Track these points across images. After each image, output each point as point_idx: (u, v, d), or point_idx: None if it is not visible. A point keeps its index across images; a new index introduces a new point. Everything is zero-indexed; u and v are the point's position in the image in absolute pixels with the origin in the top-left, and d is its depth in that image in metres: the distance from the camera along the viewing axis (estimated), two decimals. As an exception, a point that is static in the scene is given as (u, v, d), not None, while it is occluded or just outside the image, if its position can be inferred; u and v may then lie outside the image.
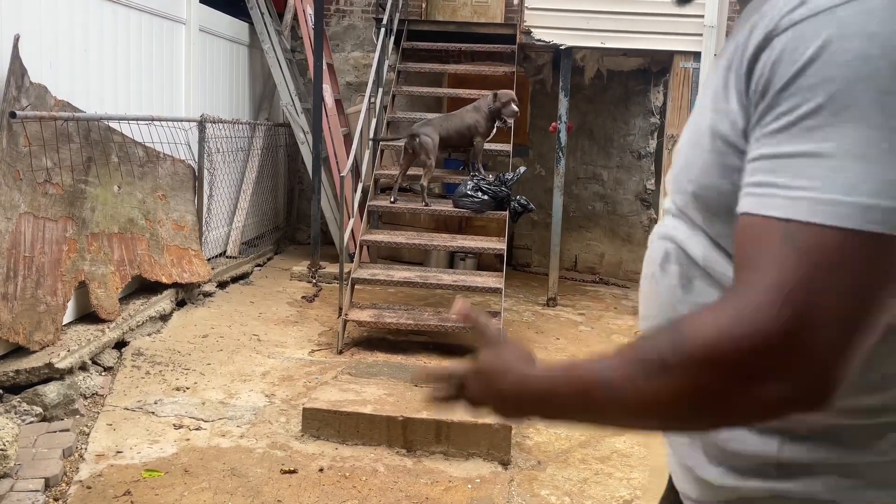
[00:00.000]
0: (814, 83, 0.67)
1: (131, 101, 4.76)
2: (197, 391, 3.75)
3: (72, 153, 3.91)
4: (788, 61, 0.69)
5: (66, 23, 4.06)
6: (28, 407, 3.24)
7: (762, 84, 0.72)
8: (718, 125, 0.79)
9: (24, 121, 3.47)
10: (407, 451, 3.20)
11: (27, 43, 3.52)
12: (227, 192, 6.21)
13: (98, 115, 4.15)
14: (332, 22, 7.70)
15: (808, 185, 0.66)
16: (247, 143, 6.71)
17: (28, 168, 3.55)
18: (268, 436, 3.30)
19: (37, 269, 3.61)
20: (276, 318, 5.08)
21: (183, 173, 5.20)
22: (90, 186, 4.10)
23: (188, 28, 5.54)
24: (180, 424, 3.36)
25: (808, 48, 0.68)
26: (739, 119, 0.76)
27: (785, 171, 0.68)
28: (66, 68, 4.06)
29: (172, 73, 5.38)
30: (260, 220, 7.02)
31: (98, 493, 2.73)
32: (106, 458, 3.01)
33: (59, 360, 3.50)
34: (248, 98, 6.99)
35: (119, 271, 4.33)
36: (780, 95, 0.70)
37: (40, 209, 3.65)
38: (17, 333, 3.42)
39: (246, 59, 6.90)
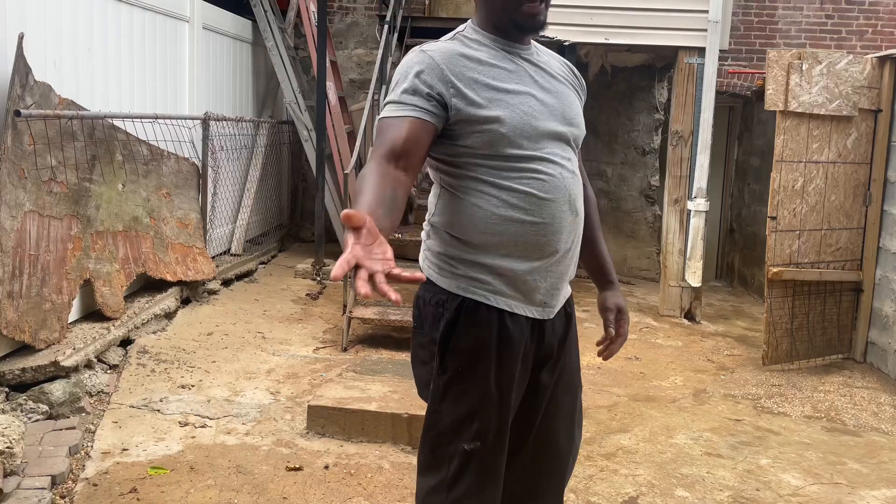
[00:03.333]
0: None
1: (135, 99, 4.76)
2: (202, 389, 3.75)
3: (76, 152, 3.92)
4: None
5: (70, 21, 4.06)
6: (34, 405, 3.25)
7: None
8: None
9: (29, 119, 3.47)
10: (412, 448, 3.20)
11: (31, 41, 3.52)
12: (231, 190, 6.21)
13: (102, 114, 4.16)
14: (335, 19, 7.70)
15: None
16: (250, 141, 6.71)
17: (33, 166, 3.56)
18: (273, 433, 3.30)
19: (42, 267, 3.62)
20: (280, 316, 5.08)
21: (187, 171, 5.20)
22: (95, 185, 4.10)
23: (192, 26, 5.54)
24: (186, 422, 3.36)
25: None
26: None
27: None
28: (71, 67, 4.07)
29: (176, 71, 5.38)
30: (264, 218, 7.03)
31: (104, 490, 2.74)
32: (112, 455, 3.01)
33: (65, 358, 3.51)
34: (251, 96, 6.99)
35: (124, 269, 4.34)
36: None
37: (45, 207, 3.66)
38: (22, 332, 3.43)
39: (249, 57, 6.90)
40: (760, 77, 6.43)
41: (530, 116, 1.55)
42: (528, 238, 1.56)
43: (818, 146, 4.62)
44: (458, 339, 1.58)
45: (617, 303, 1.85)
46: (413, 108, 1.47)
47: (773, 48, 6.34)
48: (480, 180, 1.55)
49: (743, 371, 4.65)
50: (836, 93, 4.58)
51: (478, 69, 1.54)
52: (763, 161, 6.96)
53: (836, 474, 3.26)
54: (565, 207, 1.58)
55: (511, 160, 1.54)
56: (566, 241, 1.61)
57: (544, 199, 1.55)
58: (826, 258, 4.74)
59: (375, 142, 1.48)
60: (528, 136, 1.54)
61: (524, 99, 1.56)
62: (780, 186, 4.54)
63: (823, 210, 4.68)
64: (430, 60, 1.52)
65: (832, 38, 7.15)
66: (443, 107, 1.50)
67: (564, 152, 1.61)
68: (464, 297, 1.59)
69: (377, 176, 1.38)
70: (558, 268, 1.63)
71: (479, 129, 1.51)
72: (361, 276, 1.06)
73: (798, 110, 4.51)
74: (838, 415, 3.99)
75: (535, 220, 1.55)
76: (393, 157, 1.42)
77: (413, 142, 1.45)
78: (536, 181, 1.55)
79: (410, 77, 1.50)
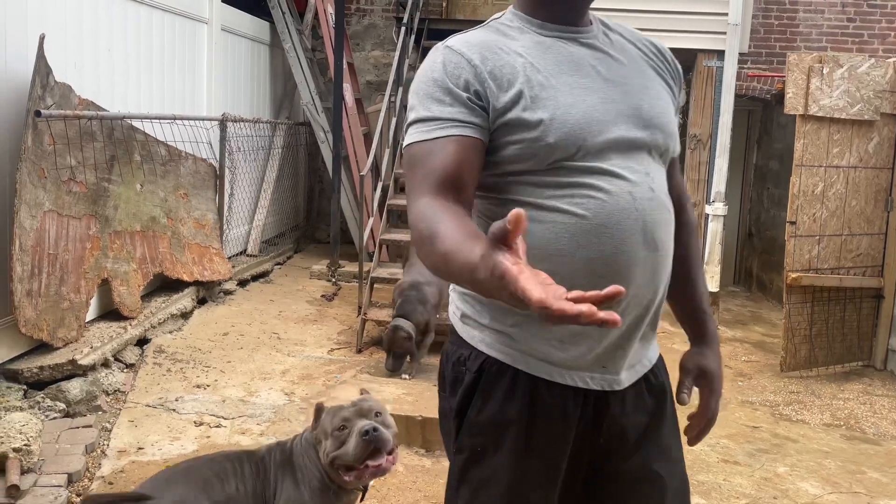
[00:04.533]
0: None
1: (154, 100, 4.79)
2: (217, 389, 3.76)
3: (95, 152, 3.95)
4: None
5: (91, 22, 4.09)
6: (51, 403, 3.28)
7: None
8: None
9: (49, 120, 3.51)
10: (426, 450, 3.19)
11: (52, 42, 3.55)
12: (247, 191, 6.24)
13: (121, 114, 4.19)
14: (352, 21, 7.72)
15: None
16: (267, 142, 6.74)
17: (52, 166, 3.59)
18: (287, 434, 3.30)
19: (60, 266, 3.65)
20: (295, 317, 5.10)
21: (204, 172, 5.23)
22: (113, 185, 4.13)
23: (210, 27, 5.57)
24: (201, 422, 3.38)
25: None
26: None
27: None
28: (91, 67, 4.10)
29: (194, 73, 5.41)
30: (280, 219, 7.06)
31: (120, 488, 2.75)
32: (128, 454, 3.03)
33: (82, 356, 3.54)
34: (268, 97, 7.03)
35: (141, 269, 4.37)
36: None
37: (64, 207, 3.69)
38: (41, 330, 3.46)
39: (267, 59, 6.93)
40: (780, 80, 6.37)
41: (587, 118, 1.17)
42: (580, 279, 1.10)
43: (839, 150, 4.56)
44: (476, 410, 1.23)
45: (704, 365, 1.36)
46: (454, 123, 1.13)
47: (793, 51, 6.28)
48: (518, 203, 1.18)
49: (761, 377, 4.60)
50: (858, 97, 4.52)
51: (517, 61, 1.18)
52: (782, 165, 6.90)
53: (856, 483, 3.21)
54: (636, 238, 1.16)
55: (559, 174, 1.16)
56: (639, 285, 1.18)
57: (600, 225, 1.15)
58: (846, 264, 4.68)
59: (412, 176, 1.13)
60: (584, 143, 1.16)
61: (579, 95, 1.18)
62: (800, 191, 4.49)
63: (844, 215, 4.63)
64: (457, 57, 1.17)
65: (853, 42, 7.07)
66: (485, 111, 1.15)
67: (639, 164, 1.20)
68: (487, 354, 1.23)
69: (442, 210, 1.05)
70: (626, 320, 1.19)
71: (517, 138, 1.16)
72: (553, 293, 0.78)
73: (818, 114, 4.46)
74: (858, 423, 3.94)
75: (588, 253, 1.14)
76: (445, 190, 1.09)
77: (467, 168, 1.12)
78: (591, 201, 1.15)
79: (438, 82, 1.16)
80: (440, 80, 1.16)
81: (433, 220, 1.03)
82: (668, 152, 1.27)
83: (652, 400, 1.29)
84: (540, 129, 1.15)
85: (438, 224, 1.02)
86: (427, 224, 1.03)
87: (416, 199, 1.10)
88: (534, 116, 1.15)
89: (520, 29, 1.24)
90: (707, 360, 1.37)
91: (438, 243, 0.99)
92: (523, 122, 1.15)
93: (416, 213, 1.07)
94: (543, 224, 1.16)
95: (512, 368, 1.21)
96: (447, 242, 0.98)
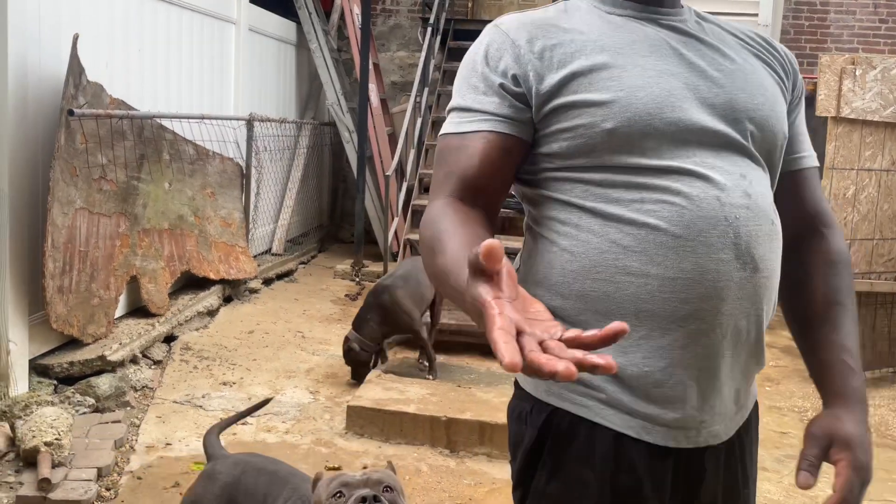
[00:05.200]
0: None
1: (182, 99, 4.84)
2: (243, 386, 3.79)
3: (125, 150, 4.00)
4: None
5: (122, 23, 4.15)
6: (81, 398, 3.32)
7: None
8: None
9: (82, 118, 3.56)
10: (450, 451, 3.19)
11: (85, 43, 3.60)
12: (273, 191, 6.29)
13: (151, 114, 4.24)
14: (378, 21, 7.74)
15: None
16: (293, 142, 6.78)
17: (84, 165, 3.64)
18: (312, 432, 3.32)
19: (91, 263, 3.70)
20: (319, 316, 5.12)
21: (231, 171, 5.27)
22: (142, 183, 4.18)
23: (238, 28, 5.62)
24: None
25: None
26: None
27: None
28: (121, 67, 4.15)
29: (222, 73, 5.46)
30: (304, 219, 7.10)
31: (148, 483, 2.78)
32: (156, 449, 3.06)
33: (112, 352, 3.58)
34: (294, 97, 7.07)
35: (169, 267, 4.41)
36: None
37: (95, 205, 3.74)
38: (71, 326, 3.51)
39: (293, 59, 6.98)
40: (811, 82, 6.28)
41: (660, 103, 0.95)
42: (658, 305, 0.93)
43: (871, 153, 4.49)
44: (544, 478, 1.00)
45: (839, 431, 0.99)
46: (484, 116, 0.98)
47: (824, 53, 6.19)
48: (574, 207, 0.98)
49: (789, 383, 4.54)
50: (891, 99, 4.45)
51: (577, 39, 0.99)
52: (811, 168, 6.80)
53: (887, 491, 3.16)
54: (727, 254, 0.93)
55: (625, 172, 0.95)
56: (735, 313, 0.94)
57: (679, 237, 0.92)
58: (877, 269, 4.61)
59: (437, 172, 1.01)
60: (654, 133, 0.95)
61: (652, 77, 0.97)
62: (831, 194, 4.42)
63: (875, 219, 4.55)
64: (501, 37, 1.01)
65: (886, 43, 6.96)
66: (526, 102, 0.98)
67: (732, 165, 0.97)
68: (555, 406, 1.00)
69: (454, 217, 0.91)
70: (721, 358, 0.95)
71: (569, 125, 0.96)
72: (529, 345, 0.59)
73: (851, 116, 4.39)
74: (888, 430, 3.87)
75: (665, 272, 0.92)
76: (466, 194, 0.96)
77: (492, 170, 0.97)
78: (667, 207, 0.93)
79: (478, 66, 1.01)
80: (479, 64, 1.01)
81: (441, 229, 0.89)
82: (775, 154, 1.04)
83: (737, 447, 1.04)
84: (597, 114, 0.94)
85: (444, 234, 0.88)
86: (433, 231, 0.90)
87: (433, 198, 0.98)
88: (589, 98, 0.95)
89: (591, 8, 1.05)
90: (844, 424, 1.00)
91: (439, 257, 0.85)
92: (575, 106, 0.95)
93: (429, 215, 0.95)
94: (605, 237, 0.95)
95: (587, 423, 0.97)
96: (447, 258, 0.83)
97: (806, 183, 1.13)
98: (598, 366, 0.57)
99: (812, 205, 1.13)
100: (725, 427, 1.00)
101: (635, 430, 0.96)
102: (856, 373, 1.05)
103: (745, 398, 1.04)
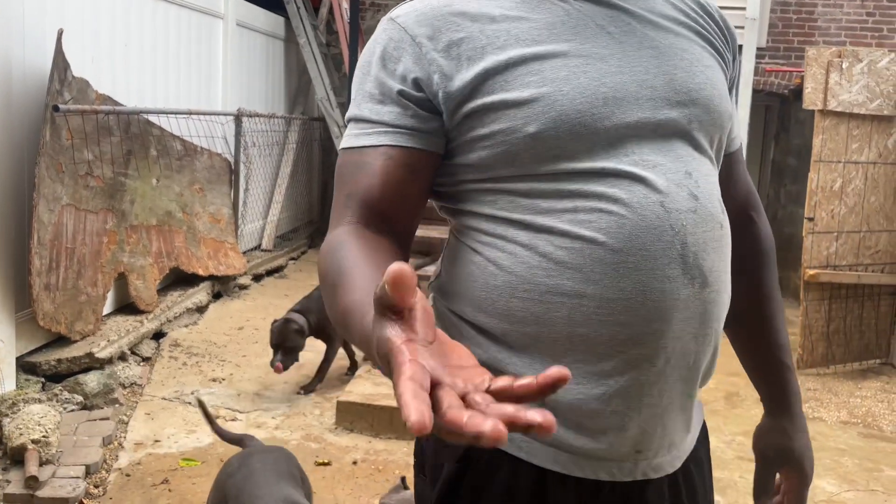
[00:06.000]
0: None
1: (170, 95, 4.82)
2: (233, 382, 3.78)
3: (112, 146, 3.98)
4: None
5: (108, 18, 4.12)
6: (69, 395, 3.30)
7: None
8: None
9: (67, 114, 3.53)
10: (440, 445, 3.20)
11: (70, 38, 3.58)
12: (262, 186, 6.27)
13: (138, 109, 4.21)
14: (367, 16, 7.72)
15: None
16: (282, 137, 6.76)
17: (70, 161, 3.61)
18: (302, 428, 3.32)
19: (78, 260, 3.68)
20: (310, 311, 5.11)
21: (219, 167, 5.25)
22: (130, 179, 4.16)
23: (225, 22, 5.59)
24: (216, 415, 3.39)
25: None
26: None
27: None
28: (107, 62, 4.13)
29: (210, 68, 5.43)
30: (294, 214, 7.08)
31: (137, 480, 2.78)
32: (144, 446, 3.05)
33: (100, 350, 3.56)
34: (283, 92, 7.05)
35: (157, 263, 4.39)
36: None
37: (81, 201, 3.71)
38: (58, 323, 3.49)
39: (281, 54, 6.95)
40: (799, 75, 6.31)
41: (589, 96, 0.82)
42: (594, 329, 0.82)
43: (858, 146, 4.51)
44: None
45: (788, 448, 1.02)
46: (383, 128, 0.85)
47: (811, 46, 6.22)
48: (500, 220, 0.85)
49: (776, 374, 4.57)
50: (878, 92, 4.47)
51: (488, 28, 0.85)
52: (800, 161, 6.84)
53: (873, 481, 3.19)
54: (673, 269, 0.82)
55: (554, 180, 0.83)
56: (682, 335, 0.84)
57: (622, 251, 0.81)
58: (864, 261, 4.64)
59: (336, 193, 0.88)
60: (589, 133, 0.82)
61: (578, 66, 0.83)
62: (818, 187, 4.45)
63: (862, 212, 4.58)
64: (399, 33, 0.86)
65: (873, 36, 6.99)
66: (432, 109, 0.85)
67: (675, 161, 0.85)
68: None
69: (358, 249, 0.78)
70: (665, 385, 0.85)
71: (487, 133, 0.83)
72: (447, 400, 0.49)
73: (837, 109, 4.41)
74: (875, 421, 3.90)
75: (603, 292, 0.81)
76: (371, 219, 0.84)
77: (397, 191, 0.84)
78: (604, 217, 0.81)
79: (373, 69, 0.87)
80: (375, 67, 0.87)
81: (342, 262, 0.76)
82: (720, 139, 0.92)
83: (687, 477, 0.94)
84: (518, 116, 0.81)
85: (347, 267, 0.74)
86: (333, 264, 0.77)
87: (334, 225, 0.85)
88: (507, 98, 0.82)
89: None
90: (792, 439, 1.01)
91: (341, 295, 0.71)
92: (492, 108, 0.82)
93: (328, 245, 0.82)
94: (535, 250, 0.82)
95: (509, 457, 0.86)
96: (351, 295, 0.69)
97: (738, 163, 1.05)
98: (533, 424, 0.46)
99: (743, 188, 1.06)
100: (670, 458, 0.90)
101: (563, 464, 0.85)
102: (791, 370, 1.05)
103: (695, 423, 0.95)
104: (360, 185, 0.84)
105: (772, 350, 1.04)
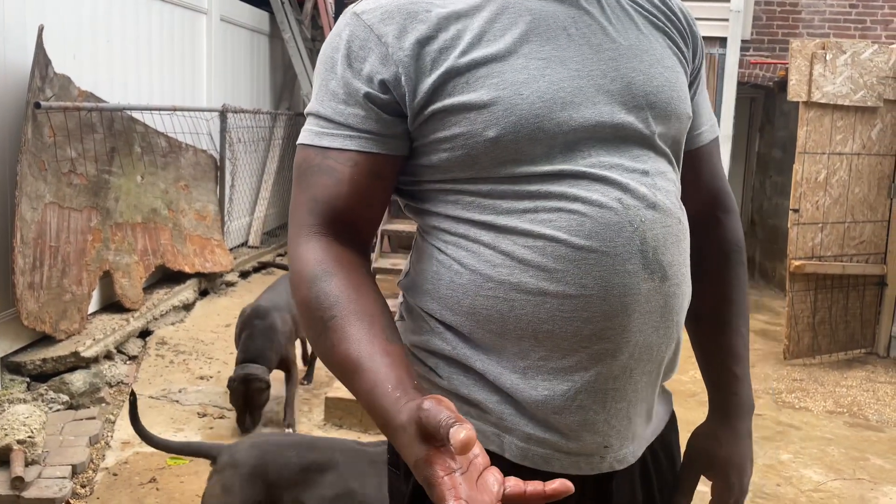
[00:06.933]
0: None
1: (154, 91, 4.78)
2: (220, 380, 3.76)
3: (95, 143, 3.94)
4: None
5: (90, 13, 4.07)
6: (55, 395, 3.28)
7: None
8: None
9: (49, 111, 3.49)
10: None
11: (51, 34, 3.53)
12: (248, 182, 6.23)
13: (121, 106, 4.17)
14: (352, 11, 7.68)
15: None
16: (268, 133, 6.72)
17: (53, 158, 3.58)
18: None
19: (62, 258, 3.64)
20: (297, 308, 5.09)
21: (205, 163, 5.22)
22: (114, 177, 4.12)
23: (209, 18, 5.55)
24: (204, 413, 3.38)
25: None
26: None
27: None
28: (90, 59, 4.08)
29: (194, 64, 5.39)
30: (281, 210, 7.05)
31: (124, 480, 2.76)
32: (131, 445, 3.03)
33: (85, 349, 3.54)
34: (268, 88, 7.01)
35: (143, 261, 4.36)
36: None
37: (65, 199, 3.68)
38: (43, 322, 3.46)
39: (266, 49, 6.91)
40: (783, 67, 6.34)
41: (547, 99, 0.83)
42: (558, 326, 0.83)
43: (842, 137, 4.54)
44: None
45: (714, 453, 1.02)
46: (348, 132, 0.85)
47: (796, 38, 6.25)
48: (462, 220, 0.87)
49: (764, 365, 4.60)
50: (861, 83, 4.50)
51: (452, 28, 0.85)
52: (785, 153, 6.88)
53: (859, 470, 3.22)
54: (633, 265, 0.83)
55: (514, 182, 0.84)
56: (643, 330, 0.85)
57: (584, 248, 0.82)
58: (849, 251, 4.67)
59: (297, 193, 0.88)
60: (547, 138, 0.84)
61: (538, 68, 0.84)
62: (803, 178, 4.47)
63: (847, 202, 4.61)
64: (364, 31, 0.85)
65: (856, 28, 7.03)
66: (397, 112, 0.85)
67: (633, 161, 0.87)
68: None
69: (341, 280, 0.81)
70: (629, 379, 0.87)
71: (448, 136, 0.84)
72: None
73: (822, 101, 4.43)
74: (861, 410, 3.94)
75: (565, 289, 0.82)
76: (338, 228, 0.85)
77: (363, 198, 0.86)
78: (564, 216, 0.83)
79: (337, 67, 0.86)
80: (339, 65, 0.86)
81: (330, 297, 0.79)
82: (679, 139, 0.94)
83: (666, 463, 0.99)
84: (477, 120, 0.83)
85: (339, 307, 0.78)
86: (317, 295, 0.80)
87: (300, 231, 0.85)
88: (467, 100, 0.83)
89: None
90: (721, 447, 1.01)
91: (334, 339, 0.77)
92: (453, 111, 0.83)
93: (305, 263, 0.83)
94: (497, 249, 0.84)
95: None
96: (347, 345, 0.76)
97: (705, 160, 1.04)
98: None
99: (711, 185, 1.05)
100: (633, 449, 0.91)
101: (533, 460, 0.87)
102: (741, 380, 1.03)
103: (661, 413, 0.98)
104: (327, 192, 0.85)
105: (722, 357, 1.04)
